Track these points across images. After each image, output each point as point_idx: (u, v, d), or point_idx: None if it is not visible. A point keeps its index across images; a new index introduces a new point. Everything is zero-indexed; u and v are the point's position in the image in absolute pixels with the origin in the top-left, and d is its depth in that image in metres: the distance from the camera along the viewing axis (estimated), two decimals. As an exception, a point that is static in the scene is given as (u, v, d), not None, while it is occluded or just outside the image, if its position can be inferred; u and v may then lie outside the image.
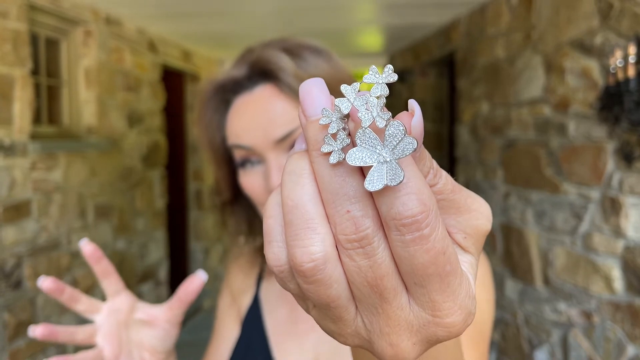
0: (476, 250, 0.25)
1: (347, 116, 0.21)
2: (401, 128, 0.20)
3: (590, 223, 2.17)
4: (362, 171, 0.21)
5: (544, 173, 2.47)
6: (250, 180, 0.64)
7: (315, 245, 0.21)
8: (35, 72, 2.62)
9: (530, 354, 2.61)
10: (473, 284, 0.24)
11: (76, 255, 2.87)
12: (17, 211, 2.40)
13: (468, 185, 3.34)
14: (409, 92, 4.68)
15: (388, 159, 0.20)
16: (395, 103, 5.12)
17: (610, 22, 2.01)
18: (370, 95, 0.20)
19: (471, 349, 0.55)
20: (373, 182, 0.20)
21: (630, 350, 1.96)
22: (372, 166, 0.20)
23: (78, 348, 2.88)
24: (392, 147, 0.20)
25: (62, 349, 2.75)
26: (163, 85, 4.01)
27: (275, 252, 0.23)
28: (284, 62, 0.62)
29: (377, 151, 0.20)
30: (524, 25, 2.64)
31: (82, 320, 2.92)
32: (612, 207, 2.03)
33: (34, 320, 2.50)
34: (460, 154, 3.45)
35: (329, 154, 0.20)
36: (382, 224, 0.21)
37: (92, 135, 3.05)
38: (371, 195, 0.21)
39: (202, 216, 5.02)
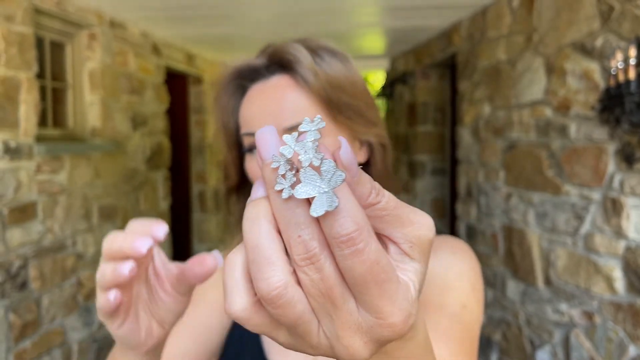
0: (422, 257, 0.28)
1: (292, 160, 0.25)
2: (332, 164, 0.24)
3: (592, 224, 2.18)
4: (309, 202, 0.25)
5: (545, 174, 2.48)
6: (255, 165, 0.66)
7: (275, 276, 0.25)
8: (40, 75, 2.65)
9: (532, 355, 2.62)
10: (414, 289, 0.27)
11: (81, 256, 2.89)
12: (23, 213, 2.42)
13: (470, 187, 3.35)
14: (410, 94, 4.69)
15: (326, 190, 0.24)
16: (397, 106, 5.14)
17: (611, 25, 2.02)
18: (307, 141, 0.25)
19: (458, 350, 0.56)
20: (316, 210, 0.24)
21: (632, 350, 1.97)
22: (314, 197, 0.24)
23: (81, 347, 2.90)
24: (327, 180, 0.24)
25: (66, 348, 2.77)
26: (166, 88, 4.03)
27: (237, 302, 0.28)
28: (303, 55, 0.64)
29: (317, 184, 0.24)
30: (525, 28, 2.66)
31: (87, 321, 2.94)
32: (613, 208, 2.04)
33: (39, 321, 2.52)
34: (462, 156, 3.46)
35: (282, 191, 0.25)
36: (328, 244, 0.25)
37: (97, 137, 3.07)
38: (317, 220, 0.25)
39: (205, 218, 5.05)
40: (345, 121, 0.67)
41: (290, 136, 0.25)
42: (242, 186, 0.74)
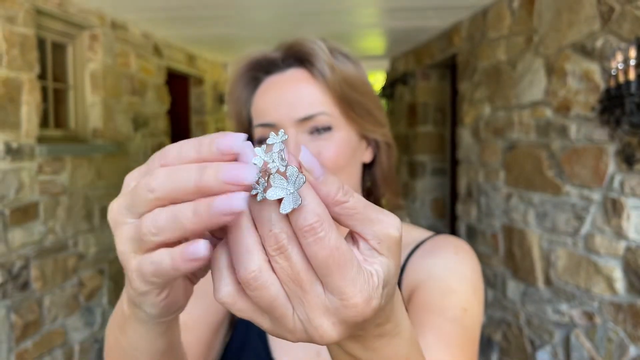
0: (390, 253, 0.31)
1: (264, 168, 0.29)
2: (295, 169, 0.28)
3: (592, 224, 2.18)
4: (279, 203, 0.29)
5: (545, 175, 2.49)
6: None
7: (252, 262, 0.29)
8: (42, 76, 2.65)
9: (532, 355, 2.63)
10: (378, 278, 0.30)
11: (82, 257, 2.90)
12: (25, 213, 2.43)
13: (470, 187, 3.36)
14: (411, 94, 4.70)
15: (292, 191, 0.28)
16: (397, 106, 5.14)
17: (611, 26, 2.03)
18: (274, 152, 0.28)
19: (459, 354, 0.57)
20: (284, 208, 0.28)
21: (632, 350, 1.97)
22: (283, 198, 0.28)
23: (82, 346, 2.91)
24: (292, 182, 0.28)
25: (68, 348, 2.77)
26: (168, 89, 4.04)
27: (223, 289, 0.31)
28: (322, 50, 0.66)
29: (285, 187, 0.28)
30: (525, 29, 2.67)
31: (89, 322, 2.95)
32: (613, 209, 2.05)
33: (40, 322, 2.53)
34: (462, 156, 3.47)
35: (257, 195, 0.28)
36: (296, 237, 0.29)
37: (98, 138, 3.08)
38: (286, 217, 0.29)
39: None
40: (356, 118, 0.69)
41: (260, 148, 0.28)
42: None
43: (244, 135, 0.28)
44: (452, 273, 0.65)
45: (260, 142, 0.68)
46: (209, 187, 0.26)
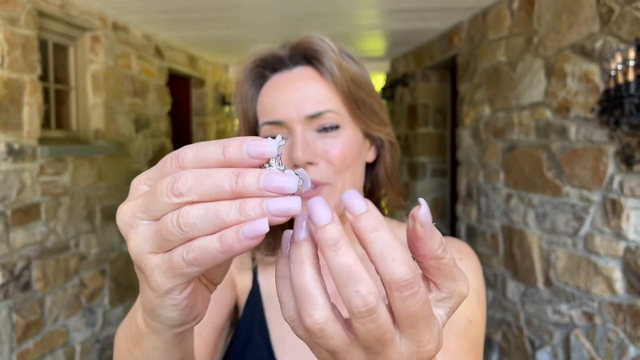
0: (453, 305, 0.33)
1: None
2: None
3: (592, 225, 2.19)
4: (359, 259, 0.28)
5: (545, 176, 2.50)
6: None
7: (318, 314, 0.28)
8: (43, 77, 2.66)
9: (532, 355, 2.63)
10: (441, 323, 0.32)
11: (84, 257, 2.91)
12: (26, 214, 2.44)
13: (470, 188, 3.36)
14: (411, 96, 4.71)
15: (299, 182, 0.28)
16: (397, 108, 5.15)
17: (611, 27, 2.04)
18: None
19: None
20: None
21: (632, 351, 1.98)
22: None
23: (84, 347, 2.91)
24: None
25: (69, 348, 2.78)
26: (169, 90, 4.05)
27: (287, 309, 0.32)
28: (330, 48, 0.66)
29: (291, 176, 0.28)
30: (525, 30, 2.67)
31: (90, 322, 2.95)
32: (613, 210, 2.05)
33: (42, 322, 2.54)
34: (462, 157, 3.48)
35: (337, 248, 0.28)
36: (384, 287, 0.29)
37: (100, 139, 3.09)
38: (364, 268, 0.28)
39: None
40: (362, 117, 0.69)
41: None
42: None
43: (274, 142, 0.28)
44: None
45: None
46: (249, 193, 0.27)
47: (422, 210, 0.29)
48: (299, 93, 0.65)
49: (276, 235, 0.74)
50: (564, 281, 2.36)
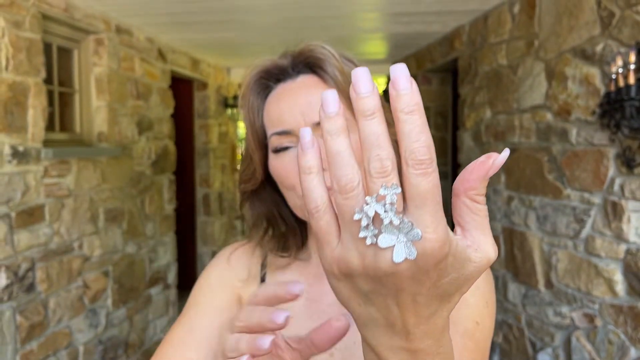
0: (476, 260, 0.33)
1: (375, 216, 0.30)
2: (410, 224, 0.29)
3: (592, 227, 2.20)
4: (388, 123, 0.31)
5: (546, 178, 2.51)
6: (284, 164, 0.66)
7: (351, 173, 0.31)
8: (48, 80, 2.68)
9: (533, 357, 2.64)
10: (454, 241, 0.32)
11: (87, 259, 2.92)
12: (30, 216, 2.46)
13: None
14: (413, 98, 4.72)
15: (404, 241, 0.29)
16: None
17: (612, 30, 2.05)
18: (386, 202, 0.29)
19: None
20: (397, 257, 0.29)
21: (633, 353, 1.99)
22: (395, 239, 0.30)
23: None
24: (405, 233, 0.29)
25: (73, 349, 2.80)
26: (172, 93, 4.07)
27: (313, 199, 0.33)
28: (332, 55, 0.67)
29: (397, 235, 0.29)
30: (526, 33, 2.69)
31: (93, 323, 2.97)
32: (613, 212, 2.06)
33: (45, 323, 2.55)
34: (464, 160, 3.49)
35: (371, 118, 0.30)
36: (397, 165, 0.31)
37: (103, 141, 3.11)
38: (392, 144, 0.31)
39: (209, 221, 5.08)
40: None
41: (372, 198, 0.30)
42: (262, 188, 0.74)
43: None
44: None
45: (277, 150, 0.67)
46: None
47: (502, 156, 0.32)
48: (304, 101, 0.66)
49: (287, 237, 0.75)
50: (565, 283, 2.37)
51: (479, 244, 0.33)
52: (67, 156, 2.72)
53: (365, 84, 0.30)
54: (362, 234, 0.30)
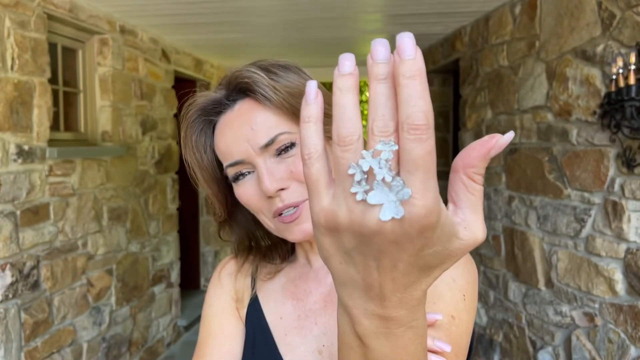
0: (463, 238, 0.33)
1: (369, 171, 0.31)
2: (401, 182, 0.29)
3: (593, 227, 2.21)
4: (394, 89, 0.31)
5: (547, 178, 2.52)
6: (245, 190, 0.69)
7: (353, 128, 0.31)
8: (52, 80, 2.70)
9: (533, 356, 2.65)
10: (445, 214, 0.32)
11: (91, 257, 2.95)
12: (35, 214, 2.48)
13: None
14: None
15: (394, 200, 0.29)
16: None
17: (612, 32, 2.07)
18: (381, 158, 0.30)
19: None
20: (384, 215, 0.29)
21: (633, 351, 2.00)
22: (385, 197, 0.30)
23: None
24: (395, 193, 0.29)
25: (77, 346, 2.82)
26: (175, 93, 4.10)
27: (308, 145, 0.34)
28: (258, 76, 0.67)
29: (387, 195, 0.29)
30: (527, 35, 2.71)
31: (97, 321, 2.99)
32: (614, 212, 2.08)
33: (50, 320, 2.58)
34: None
35: (382, 79, 0.31)
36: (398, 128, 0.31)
37: (107, 141, 3.14)
38: (396, 108, 0.31)
39: (211, 220, 5.10)
40: None
41: (368, 152, 0.31)
42: (232, 215, 0.77)
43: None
44: (441, 279, 0.63)
45: (236, 179, 0.69)
46: None
47: (506, 137, 0.32)
48: (246, 128, 0.67)
49: (271, 249, 0.79)
50: (566, 282, 2.39)
51: (469, 222, 0.33)
52: (72, 155, 2.74)
53: (380, 51, 0.31)
54: (353, 189, 0.30)
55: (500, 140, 0.32)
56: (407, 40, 0.30)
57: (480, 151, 0.32)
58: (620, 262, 2.06)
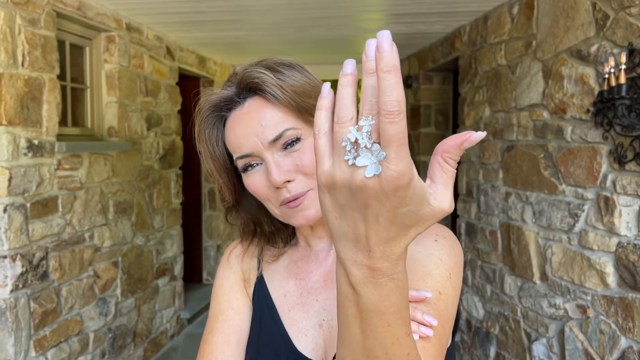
0: (434, 204, 0.41)
1: (355, 141, 0.40)
2: (378, 147, 0.38)
3: (586, 222, 2.27)
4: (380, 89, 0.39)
5: (542, 174, 2.59)
6: (254, 180, 0.76)
7: (348, 111, 0.40)
8: (61, 76, 2.75)
9: (528, 347, 2.72)
10: (417, 180, 0.40)
11: (98, 249, 3.02)
12: (45, 207, 2.54)
13: (470, 186, 3.45)
14: (413, 97, 4.81)
15: (374, 161, 0.38)
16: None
17: (606, 32, 2.12)
18: (363, 131, 0.39)
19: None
20: (369, 172, 0.38)
21: (623, 342, 2.06)
22: (369, 157, 0.38)
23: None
24: (375, 156, 0.38)
25: (84, 336, 2.89)
26: (179, 90, 4.16)
27: (324, 163, 0.42)
28: (267, 76, 0.74)
29: (369, 158, 0.38)
30: (524, 34, 2.77)
31: (103, 312, 3.06)
32: (606, 207, 2.13)
33: (58, 310, 2.65)
34: (463, 156, 3.56)
35: (371, 74, 0.39)
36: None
37: (113, 136, 3.20)
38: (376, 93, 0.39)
39: (214, 215, 5.17)
40: None
41: (354, 127, 0.39)
42: (240, 202, 0.84)
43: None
44: (429, 257, 0.69)
45: (245, 169, 0.76)
46: None
47: (478, 135, 0.40)
48: (255, 124, 0.73)
49: (274, 233, 0.86)
50: (559, 276, 2.45)
51: (439, 194, 0.41)
52: (79, 150, 2.81)
53: (372, 51, 0.39)
54: (346, 157, 0.39)
55: (473, 136, 0.40)
56: (385, 37, 0.37)
57: (456, 141, 0.40)
58: (611, 256, 2.12)
